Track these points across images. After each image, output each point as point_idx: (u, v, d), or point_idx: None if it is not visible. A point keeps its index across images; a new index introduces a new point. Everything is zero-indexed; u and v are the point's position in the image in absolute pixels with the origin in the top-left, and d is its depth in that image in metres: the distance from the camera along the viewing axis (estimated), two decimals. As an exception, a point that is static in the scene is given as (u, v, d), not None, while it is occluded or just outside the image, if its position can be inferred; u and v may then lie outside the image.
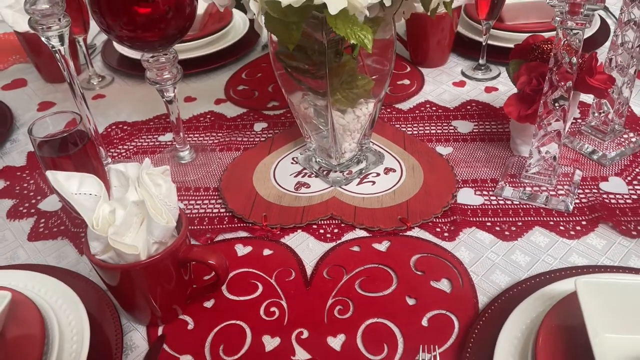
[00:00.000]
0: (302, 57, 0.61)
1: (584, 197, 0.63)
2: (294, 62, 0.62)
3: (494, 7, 0.81)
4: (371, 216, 0.62)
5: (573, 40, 0.53)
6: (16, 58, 1.05)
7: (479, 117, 0.78)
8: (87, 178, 0.48)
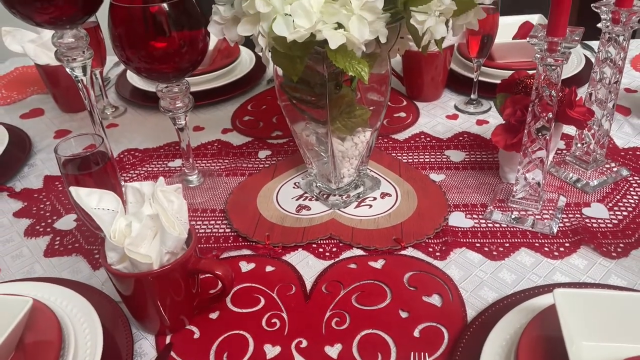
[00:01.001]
0: (305, 88, 0.66)
1: (568, 221, 0.67)
2: (298, 94, 0.67)
3: (483, 46, 0.87)
4: (368, 236, 0.66)
5: (552, 75, 0.58)
6: (34, 89, 1.11)
7: (471, 147, 0.83)
8: (106, 194, 0.52)
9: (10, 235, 0.71)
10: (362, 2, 0.53)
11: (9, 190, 0.80)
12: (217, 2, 0.61)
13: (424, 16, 0.55)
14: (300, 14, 0.52)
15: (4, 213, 0.75)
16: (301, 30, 0.52)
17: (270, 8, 0.52)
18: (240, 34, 0.57)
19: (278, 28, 0.52)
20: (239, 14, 0.58)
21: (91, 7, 0.62)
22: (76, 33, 0.64)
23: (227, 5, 0.61)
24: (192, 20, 0.64)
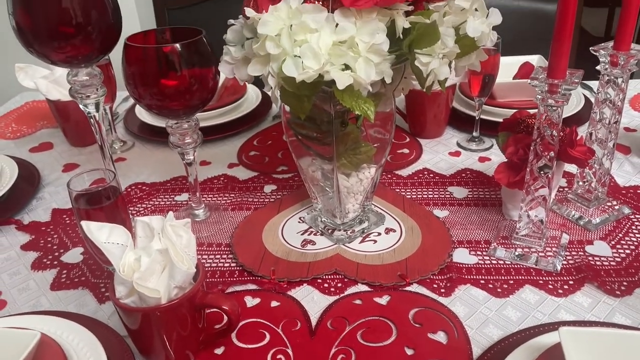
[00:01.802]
0: (312, 126, 0.67)
1: (571, 258, 0.67)
2: (304, 130, 0.69)
3: (485, 85, 0.89)
4: (372, 272, 0.67)
5: (553, 116, 0.60)
6: (44, 123, 1.13)
7: (473, 184, 0.84)
8: (116, 229, 0.53)
9: (17, 268, 0.72)
10: (369, 45, 0.55)
11: (17, 223, 0.80)
12: (228, 43, 0.63)
13: (428, 58, 0.57)
14: (309, 56, 0.54)
15: (12, 246, 0.76)
16: (310, 71, 0.53)
17: (280, 50, 0.54)
18: (250, 74, 0.59)
19: (287, 69, 0.54)
20: (249, 55, 0.60)
21: (106, 46, 0.64)
22: (90, 71, 0.66)
23: (238, 46, 0.63)
24: (203, 59, 0.66)
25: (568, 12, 0.54)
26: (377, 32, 0.55)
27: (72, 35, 0.60)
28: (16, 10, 0.59)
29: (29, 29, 0.59)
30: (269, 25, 0.54)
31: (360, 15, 0.56)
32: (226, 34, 0.64)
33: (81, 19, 0.60)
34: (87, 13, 0.60)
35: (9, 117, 1.17)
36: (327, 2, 0.56)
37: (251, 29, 0.60)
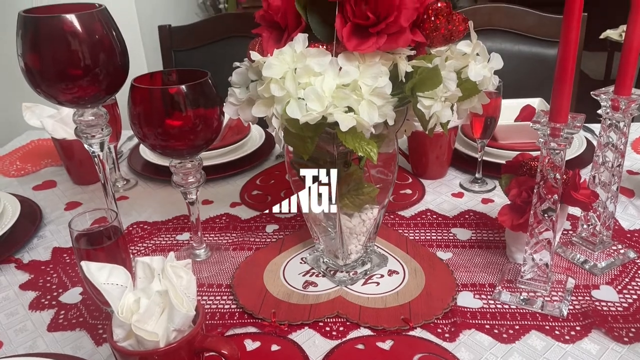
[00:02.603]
0: (315, 166, 0.68)
1: (577, 303, 0.66)
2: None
3: (487, 128, 0.89)
4: (375, 316, 0.65)
5: (556, 159, 0.60)
6: (48, 162, 1.14)
7: (477, 225, 0.84)
8: (116, 269, 0.53)
9: (15, 308, 0.71)
10: (372, 88, 0.55)
11: (17, 262, 0.80)
12: (233, 85, 0.64)
13: (431, 101, 0.58)
14: (313, 98, 0.54)
15: (11, 285, 0.75)
16: (313, 113, 0.54)
17: (285, 92, 0.55)
18: (254, 115, 0.59)
19: (291, 111, 0.55)
20: (253, 97, 0.61)
21: (113, 88, 0.65)
22: (96, 111, 0.67)
23: (243, 88, 0.64)
24: (208, 100, 0.67)
25: (569, 57, 0.55)
26: (379, 76, 0.56)
27: (79, 77, 0.61)
28: (25, 52, 0.60)
29: (37, 70, 0.60)
30: (273, 68, 0.55)
31: (363, 59, 0.57)
32: (231, 75, 0.65)
33: (89, 61, 0.61)
34: (96, 55, 0.61)
35: (13, 155, 1.18)
36: (331, 46, 0.57)
37: (256, 71, 0.61)
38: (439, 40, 0.60)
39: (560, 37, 0.55)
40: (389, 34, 0.56)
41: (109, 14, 0.63)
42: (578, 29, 0.53)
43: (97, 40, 0.61)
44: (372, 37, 0.56)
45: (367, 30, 0.56)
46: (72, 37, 0.59)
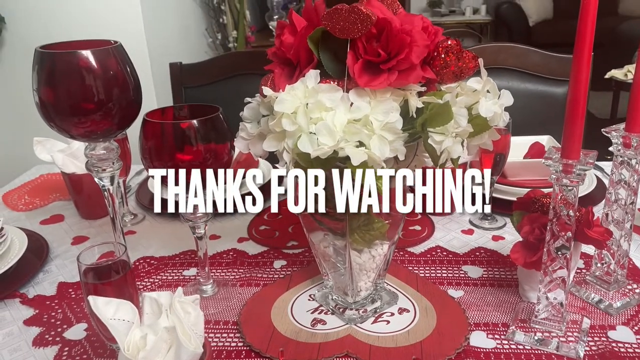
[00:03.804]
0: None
1: (594, 344, 0.64)
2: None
3: (496, 164, 0.89)
4: (386, 355, 0.64)
5: (569, 195, 0.59)
6: (56, 196, 1.14)
7: (488, 263, 0.82)
8: (123, 304, 0.52)
9: (18, 344, 0.69)
10: (383, 123, 0.56)
11: (22, 297, 0.79)
12: (244, 120, 0.65)
13: (442, 137, 0.58)
14: (324, 133, 0.55)
15: (15, 321, 0.74)
16: (325, 147, 0.54)
17: (296, 127, 0.55)
18: (265, 150, 0.60)
19: (303, 145, 0.55)
20: (264, 131, 0.61)
21: (125, 122, 0.66)
22: (108, 145, 0.67)
23: (254, 123, 0.64)
24: (219, 135, 0.67)
25: (580, 92, 0.55)
26: (391, 111, 0.56)
27: (93, 111, 0.62)
28: (40, 87, 0.61)
29: (51, 104, 0.61)
30: (285, 103, 0.55)
31: (374, 95, 0.57)
32: (240, 112, 0.65)
33: (103, 96, 0.62)
34: (109, 90, 0.62)
35: (22, 190, 1.18)
36: (342, 82, 0.58)
37: (267, 106, 0.61)
38: (449, 77, 0.60)
39: (571, 73, 0.55)
40: (400, 71, 0.56)
41: (124, 50, 0.64)
42: (589, 64, 0.54)
43: (111, 75, 0.62)
44: (384, 74, 0.56)
45: (378, 67, 0.57)
46: (87, 72, 0.60)
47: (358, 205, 0.60)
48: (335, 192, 0.62)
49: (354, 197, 0.59)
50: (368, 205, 0.66)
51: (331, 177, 0.63)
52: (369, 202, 0.60)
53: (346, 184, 0.58)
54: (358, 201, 0.63)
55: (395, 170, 0.63)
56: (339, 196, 0.62)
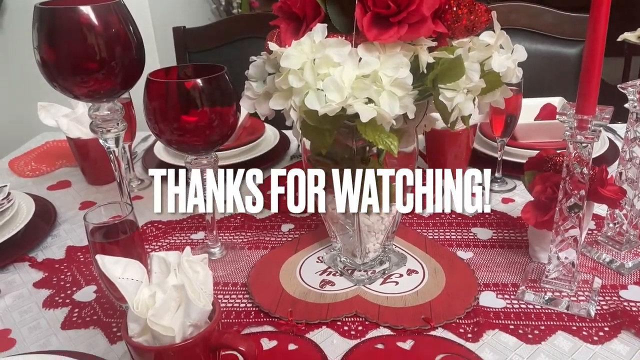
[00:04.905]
0: (332, 163, 0.66)
1: (605, 303, 0.64)
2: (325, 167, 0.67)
3: (507, 126, 0.88)
4: (395, 315, 0.64)
5: (583, 153, 0.58)
6: (63, 162, 1.13)
7: (498, 225, 0.82)
8: (131, 264, 0.52)
9: (28, 306, 0.70)
10: (393, 79, 0.54)
11: (31, 261, 0.79)
12: (249, 79, 0.63)
13: (453, 93, 0.56)
14: (332, 89, 0.53)
15: (25, 283, 0.74)
16: (333, 104, 0.53)
17: (303, 83, 0.54)
18: (272, 108, 0.58)
19: (310, 102, 0.53)
20: (270, 90, 0.60)
21: (129, 81, 0.65)
22: (112, 106, 0.66)
23: (260, 82, 0.63)
24: (225, 96, 0.66)
25: (597, 46, 0.53)
26: (401, 67, 0.54)
27: (95, 70, 0.61)
28: (41, 45, 0.59)
29: (53, 63, 0.60)
30: (292, 59, 0.54)
31: (383, 49, 0.56)
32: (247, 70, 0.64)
33: (105, 55, 0.60)
34: (112, 48, 0.61)
35: (28, 156, 1.18)
36: (350, 37, 0.56)
37: (274, 63, 0.60)
38: (461, 31, 0.58)
39: (588, 25, 0.53)
40: (410, 24, 0.54)
41: (125, 7, 0.63)
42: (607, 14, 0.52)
43: (113, 33, 0.60)
44: (393, 27, 0.54)
45: (387, 20, 0.55)
46: (88, 29, 0.58)
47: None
48: (335, 192, 0.63)
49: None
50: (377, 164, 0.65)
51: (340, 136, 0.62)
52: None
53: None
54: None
55: (395, 171, 0.64)
56: (338, 196, 0.63)
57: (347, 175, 0.63)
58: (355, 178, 0.64)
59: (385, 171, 0.64)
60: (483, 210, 0.69)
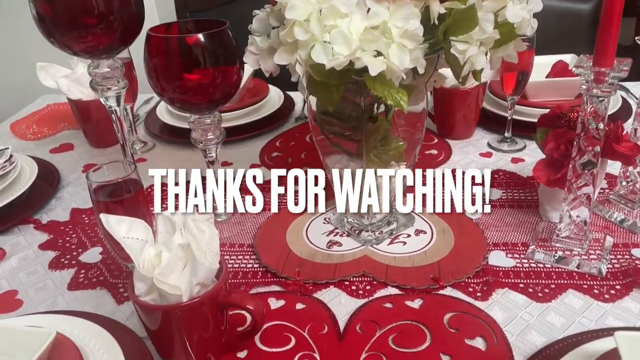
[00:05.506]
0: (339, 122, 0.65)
1: (617, 262, 0.63)
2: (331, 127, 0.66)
3: (518, 83, 0.85)
4: (403, 274, 0.63)
5: (599, 107, 0.56)
6: (65, 125, 1.12)
7: (507, 185, 0.80)
8: (136, 223, 0.51)
9: (34, 267, 0.69)
10: (402, 30, 0.52)
11: (36, 223, 0.79)
12: (253, 33, 0.61)
13: (465, 45, 0.54)
14: (340, 41, 0.51)
15: (30, 245, 0.74)
16: (340, 57, 0.51)
17: (309, 35, 0.51)
18: (277, 63, 0.56)
19: (317, 55, 0.51)
20: (275, 44, 0.58)
21: (128, 37, 0.62)
22: (112, 63, 0.64)
23: (263, 36, 0.61)
24: (227, 52, 0.64)
25: (618, -7, 0.50)
26: (411, 17, 0.52)
27: (93, 25, 0.58)
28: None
29: (49, 18, 0.58)
30: (297, 9, 0.51)
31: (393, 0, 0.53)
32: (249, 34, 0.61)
33: (103, 8, 0.58)
34: (109, 2, 0.58)
35: (30, 119, 1.16)
36: (358, -14, 0.53)
37: (278, 16, 0.57)
38: (474, -20, 0.56)
39: (610, -29, 0.50)
40: (422, -29, 0.52)
41: (123, -42, 0.60)
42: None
43: (110, -15, 0.58)
44: (403, -25, 0.52)
45: (397, -32, 0.52)
46: (85, -19, 0.56)
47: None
48: (335, 192, 0.63)
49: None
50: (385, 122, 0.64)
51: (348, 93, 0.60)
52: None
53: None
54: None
55: (395, 171, 0.64)
56: (338, 196, 0.61)
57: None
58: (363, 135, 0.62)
59: (385, 171, 0.65)
60: (483, 211, 0.68)
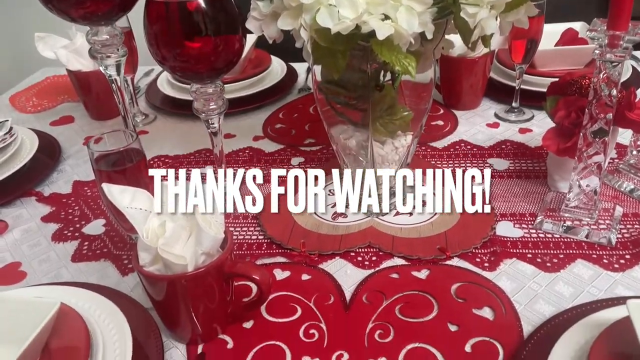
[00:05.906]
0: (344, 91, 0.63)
1: (627, 232, 0.62)
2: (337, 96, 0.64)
3: (527, 51, 0.83)
4: (409, 245, 0.62)
5: (613, 73, 0.54)
6: (65, 97, 1.10)
7: (515, 155, 0.79)
8: (139, 193, 0.50)
9: (37, 239, 0.69)
10: (411, -7, 0.50)
11: (38, 195, 0.78)
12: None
13: (476, 8, 0.52)
14: (346, 4, 0.49)
15: (32, 217, 0.73)
16: (346, 21, 0.49)
17: (314, -2, 0.50)
18: (280, 28, 0.55)
19: (322, 19, 0.50)
20: (278, 9, 0.56)
21: (127, 3, 0.61)
22: (111, 30, 0.63)
23: (266, 1, 0.59)
24: (229, 18, 0.62)
25: (636, -48, 0.48)
26: (420, -21, 0.50)
27: (91, -10, 0.56)
28: (33, -38, 0.55)
29: (46, -19, 0.56)
30: (302, -29, 0.50)
31: (401, -40, 0.51)
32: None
33: (100, -28, 0.56)
34: (107, -35, 0.56)
35: (29, 92, 1.15)
36: (365, -53, 0.51)
37: (282, -21, 0.55)
38: (485, -60, 0.54)
39: None
40: None
41: None
42: None
43: (108, -52, 0.56)
44: None
45: None
46: (81, -57, 0.54)
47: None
48: (335, 192, 0.60)
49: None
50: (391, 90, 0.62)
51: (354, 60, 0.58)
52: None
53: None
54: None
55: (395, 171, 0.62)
56: (338, 195, 0.60)
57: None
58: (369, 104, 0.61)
59: (385, 171, 0.63)
60: (483, 211, 0.65)
